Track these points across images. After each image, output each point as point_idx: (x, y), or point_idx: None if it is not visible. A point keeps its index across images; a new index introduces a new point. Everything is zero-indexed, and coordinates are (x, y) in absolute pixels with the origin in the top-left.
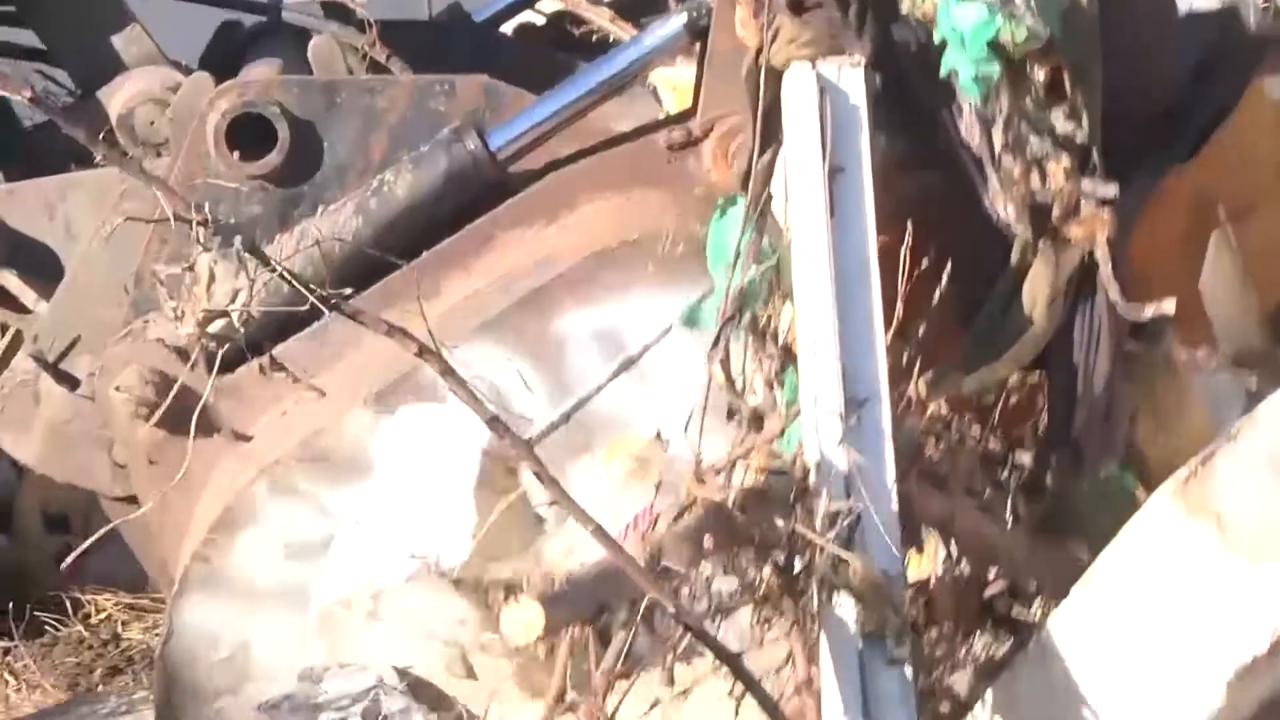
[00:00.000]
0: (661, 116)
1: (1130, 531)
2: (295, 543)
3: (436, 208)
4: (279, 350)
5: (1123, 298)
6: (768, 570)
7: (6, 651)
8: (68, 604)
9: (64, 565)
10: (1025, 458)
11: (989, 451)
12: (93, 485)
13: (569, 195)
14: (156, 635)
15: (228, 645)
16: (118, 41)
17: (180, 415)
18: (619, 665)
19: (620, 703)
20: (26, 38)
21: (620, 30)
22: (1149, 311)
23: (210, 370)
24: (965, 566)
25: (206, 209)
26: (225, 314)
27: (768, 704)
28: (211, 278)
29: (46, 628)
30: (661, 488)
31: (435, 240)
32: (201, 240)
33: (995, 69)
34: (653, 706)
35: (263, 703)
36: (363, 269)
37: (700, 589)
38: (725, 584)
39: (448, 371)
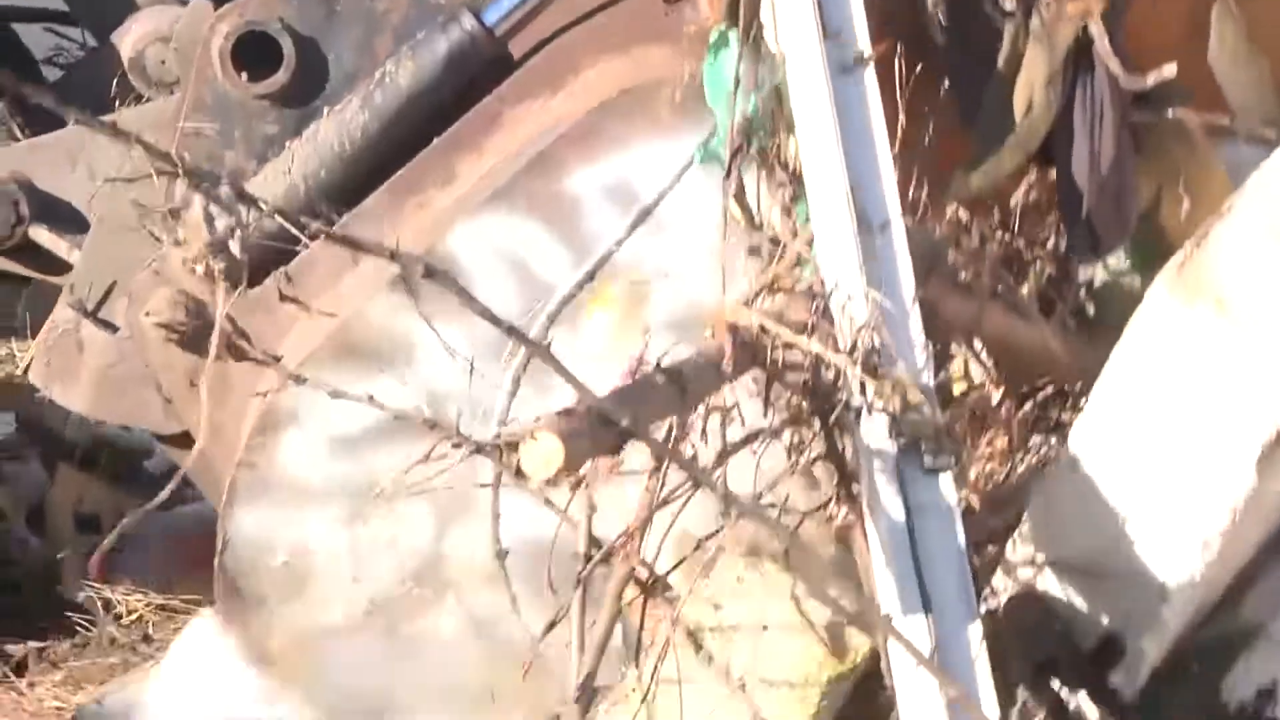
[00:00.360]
0: None
1: (1134, 328)
2: (338, 437)
3: (440, 92)
4: (298, 261)
5: (1123, 69)
6: (794, 395)
7: (42, 651)
8: (99, 604)
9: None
10: (1048, 252)
11: (1013, 251)
12: (146, 424)
13: (571, 62)
14: None
15: (284, 550)
16: None
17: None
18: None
19: (659, 550)
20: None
21: None
22: (1151, 79)
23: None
24: (1001, 374)
25: (187, 157)
26: (227, 249)
27: (780, 531)
28: (209, 218)
29: (79, 628)
30: (650, 329)
31: (445, 124)
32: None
33: None
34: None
35: None
36: (376, 162)
37: (729, 416)
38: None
39: (452, 287)
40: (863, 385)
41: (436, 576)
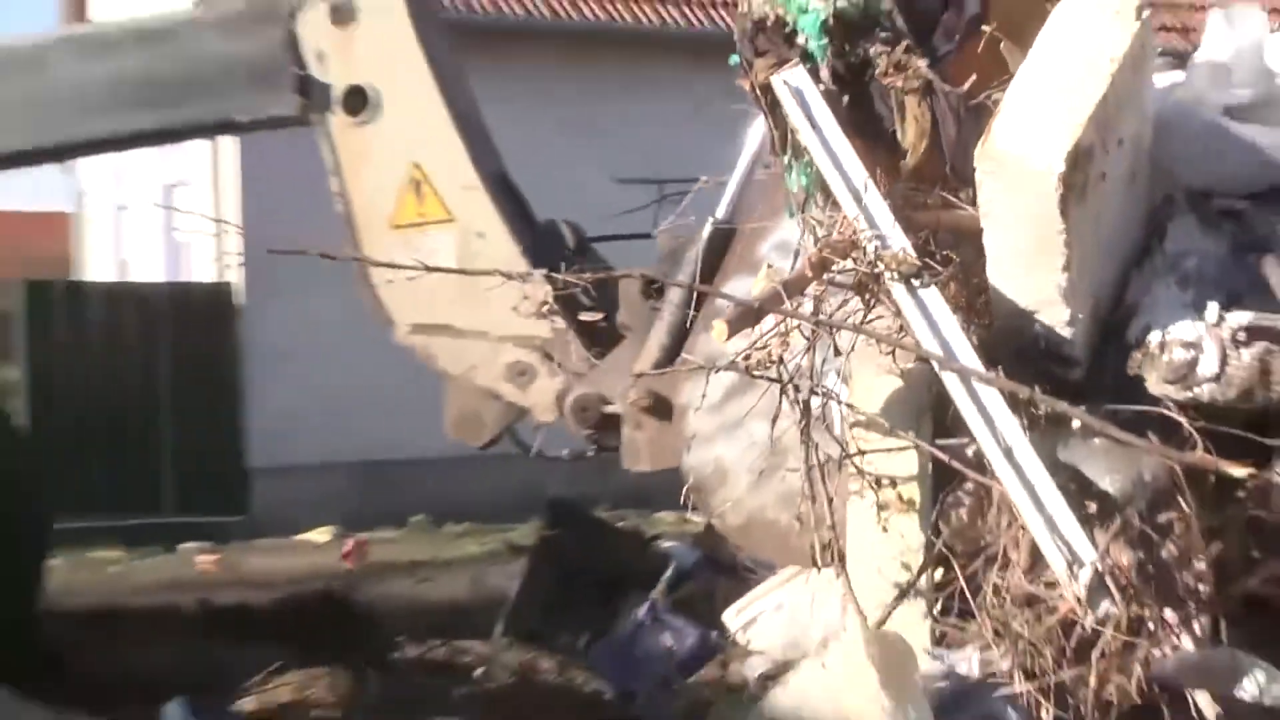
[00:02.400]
0: None
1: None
2: (713, 401)
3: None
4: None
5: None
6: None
7: None
8: None
9: None
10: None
11: (951, 187)
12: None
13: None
14: None
15: (708, 464)
16: None
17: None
18: None
19: None
20: None
21: None
22: (967, 85)
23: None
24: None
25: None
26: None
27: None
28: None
29: None
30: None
31: None
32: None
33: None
34: None
35: None
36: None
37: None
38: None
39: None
40: (881, 260)
41: (780, 443)
